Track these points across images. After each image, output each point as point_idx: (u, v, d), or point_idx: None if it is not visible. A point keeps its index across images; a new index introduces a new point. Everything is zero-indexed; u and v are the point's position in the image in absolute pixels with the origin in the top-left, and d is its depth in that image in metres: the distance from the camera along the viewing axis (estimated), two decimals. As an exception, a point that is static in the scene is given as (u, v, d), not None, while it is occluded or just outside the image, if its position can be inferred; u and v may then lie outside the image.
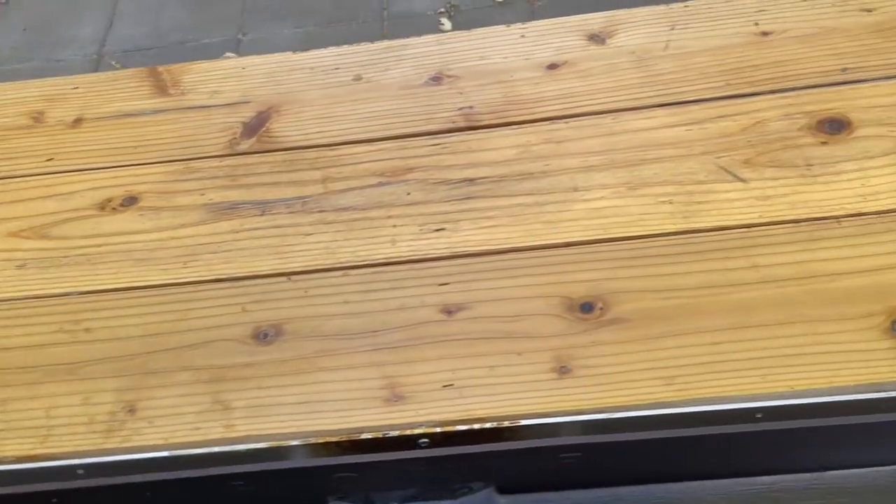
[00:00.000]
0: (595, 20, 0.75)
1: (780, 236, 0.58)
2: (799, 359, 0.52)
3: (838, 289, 0.54)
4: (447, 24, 2.26)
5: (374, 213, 0.64)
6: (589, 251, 0.59)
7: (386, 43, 0.77)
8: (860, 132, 0.62)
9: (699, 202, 0.61)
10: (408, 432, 0.52)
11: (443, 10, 2.35)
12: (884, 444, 0.49)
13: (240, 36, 2.42)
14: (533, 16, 2.40)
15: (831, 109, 0.64)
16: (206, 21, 2.47)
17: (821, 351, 0.52)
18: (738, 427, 0.49)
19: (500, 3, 2.33)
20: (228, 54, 2.34)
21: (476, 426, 0.52)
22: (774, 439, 0.49)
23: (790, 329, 0.53)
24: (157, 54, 2.37)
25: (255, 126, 0.71)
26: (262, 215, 0.65)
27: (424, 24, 2.29)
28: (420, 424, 0.53)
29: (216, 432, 0.54)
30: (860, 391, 0.50)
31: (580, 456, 0.49)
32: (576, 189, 0.63)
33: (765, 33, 0.70)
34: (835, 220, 0.58)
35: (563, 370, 0.54)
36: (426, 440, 0.52)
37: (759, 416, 0.50)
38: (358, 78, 0.74)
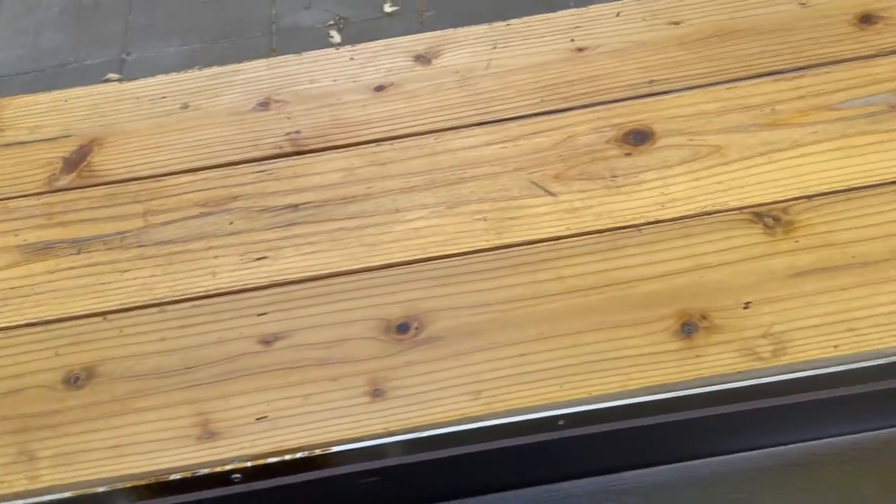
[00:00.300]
0: (422, 41, 0.76)
1: (585, 247, 0.60)
2: (597, 365, 0.54)
3: (636, 295, 0.57)
4: (337, 36, 2.26)
5: (194, 245, 0.63)
6: (407, 272, 0.60)
7: (216, 69, 0.76)
8: (662, 142, 0.66)
9: (511, 218, 0.62)
10: (218, 469, 0.52)
11: (332, 22, 2.34)
12: (673, 442, 0.51)
13: (123, 56, 2.34)
14: (422, 27, 2.42)
15: (637, 121, 0.67)
16: (87, 42, 2.38)
17: (617, 356, 0.54)
18: (542, 436, 0.50)
19: (389, 14, 2.34)
20: (111, 75, 2.27)
21: (287, 457, 0.52)
22: (576, 445, 0.51)
23: (590, 337, 0.56)
24: (35, 78, 2.27)
25: (76, 161, 0.69)
26: (78, 254, 0.63)
27: (314, 38, 2.28)
28: (231, 460, 0.52)
29: (20, 485, 0.52)
30: (651, 392, 0.52)
31: (391, 477, 0.49)
32: (397, 210, 0.64)
33: (580, 49, 0.73)
34: (635, 229, 0.61)
35: (376, 393, 0.55)
36: (238, 475, 0.52)
37: (561, 423, 0.52)
38: (185, 106, 0.73)
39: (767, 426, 0.51)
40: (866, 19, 0.72)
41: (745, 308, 0.56)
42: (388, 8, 2.37)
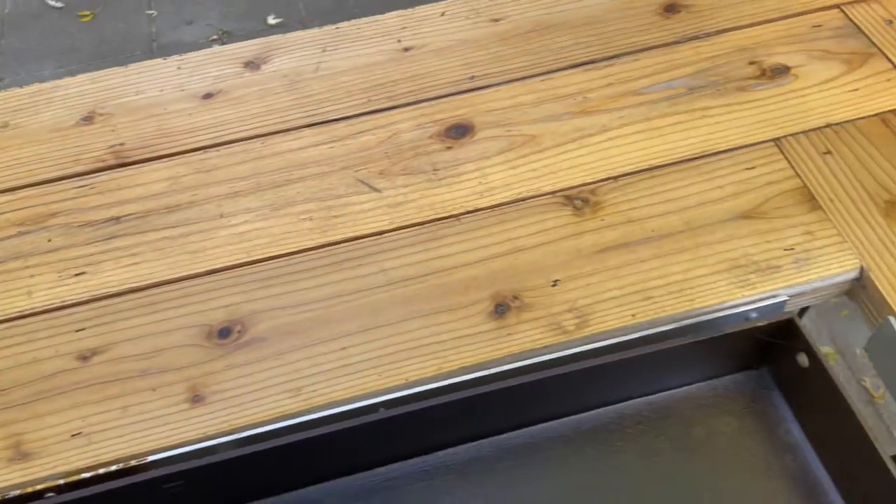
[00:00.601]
0: (251, 47, 0.76)
1: (407, 239, 0.62)
2: (415, 351, 0.56)
3: (454, 281, 0.59)
4: (220, 51, 2.22)
5: (11, 266, 0.61)
6: (231, 276, 0.61)
7: (37, 86, 0.74)
8: (481, 134, 0.68)
9: (336, 216, 0.63)
10: (30, 489, 0.50)
11: (215, 37, 2.31)
12: (486, 417, 0.53)
13: (-6, 81, 2.24)
14: (307, 37, 2.41)
15: (458, 116, 0.69)
16: (-46, 68, 2.26)
17: (434, 341, 0.56)
18: (354, 421, 0.51)
19: (272, 25, 2.33)
20: (-19, 101, 2.16)
21: (101, 470, 0.51)
22: (392, 428, 0.52)
23: (410, 325, 0.57)
24: None
25: None
26: None
27: (197, 54, 2.24)
28: (45, 479, 0.51)
29: None
30: (465, 372, 0.54)
31: (196, 479, 0.49)
32: (222, 216, 0.64)
33: (406, 49, 0.75)
34: (455, 219, 0.63)
35: (195, 399, 0.54)
36: (52, 493, 0.50)
37: (381, 409, 0.53)
38: (5, 125, 0.71)
39: (571, 394, 0.54)
40: (670, 8, 0.77)
41: (554, 286, 0.58)
42: (271, 20, 2.35)
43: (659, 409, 0.53)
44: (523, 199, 0.64)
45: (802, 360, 0.50)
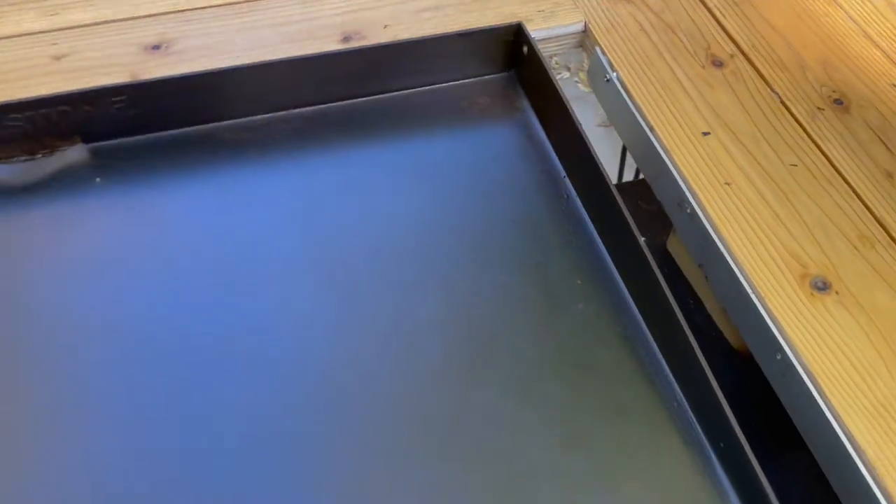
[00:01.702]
0: None
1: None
2: (297, 53, 0.83)
3: (315, 27, 0.87)
4: None
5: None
6: (162, 18, 0.87)
7: None
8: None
9: (240, -13, 0.91)
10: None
11: None
12: (324, 86, 0.81)
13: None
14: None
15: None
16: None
17: (289, 53, 0.84)
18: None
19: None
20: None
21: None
22: (261, 83, 0.79)
23: (286, 46, 0.85)
24: None
25: None
26: None
27: None
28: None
29: None
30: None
31: (139, 97, 0.75)
32: (158, -14, 0.91)
33: None
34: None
35: (133, 75, 0.81)
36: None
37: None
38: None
39: (370, 77, 0.81)
40: None
41: (385, 28, 0.87)
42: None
43: (437, 93, 0.82)
44: (372, -17, 0.92)
45: (525, 50, 0.80)
